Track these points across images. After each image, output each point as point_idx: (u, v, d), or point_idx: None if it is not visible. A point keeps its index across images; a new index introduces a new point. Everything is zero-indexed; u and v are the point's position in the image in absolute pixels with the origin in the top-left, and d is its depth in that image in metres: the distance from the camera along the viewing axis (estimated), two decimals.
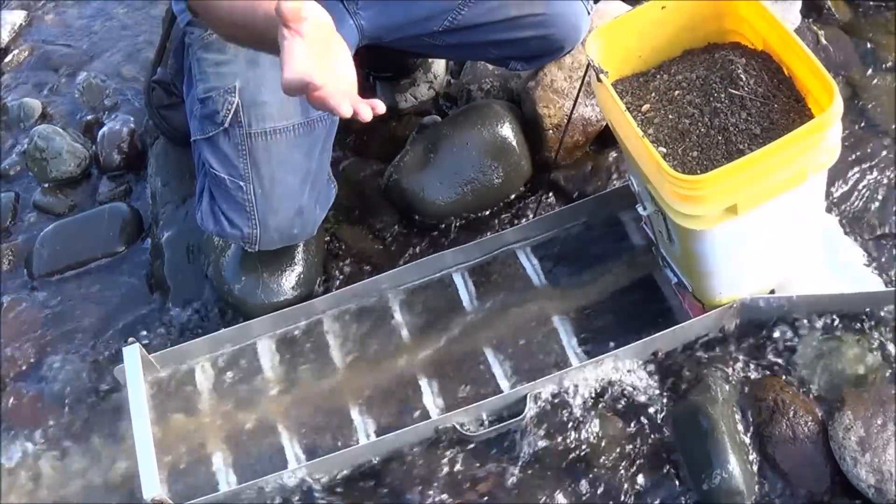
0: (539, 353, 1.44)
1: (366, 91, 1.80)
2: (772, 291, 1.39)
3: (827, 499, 1.26)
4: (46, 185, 1.91)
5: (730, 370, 1.38)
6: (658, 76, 1.28)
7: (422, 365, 1.46)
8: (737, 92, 1.20)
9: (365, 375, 1.46)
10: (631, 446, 1.34)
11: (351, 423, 1.41)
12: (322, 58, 1.02)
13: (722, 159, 1.16)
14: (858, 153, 1.62)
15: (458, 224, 1.64)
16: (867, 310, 1.39)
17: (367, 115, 1.04)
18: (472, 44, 1.53)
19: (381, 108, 1.05)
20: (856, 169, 1.60)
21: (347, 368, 1.48)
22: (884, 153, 1.62)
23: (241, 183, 1.40)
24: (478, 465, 1.35)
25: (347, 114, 1.02)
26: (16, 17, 2.30)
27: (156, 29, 2.10)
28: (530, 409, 1.36)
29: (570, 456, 1.34)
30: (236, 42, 1.28)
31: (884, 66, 1.76)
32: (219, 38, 1.39)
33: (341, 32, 1.09)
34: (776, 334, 1.40)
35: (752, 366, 1.38)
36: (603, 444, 1.34)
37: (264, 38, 1.10)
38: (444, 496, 1.33)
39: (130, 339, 1.46)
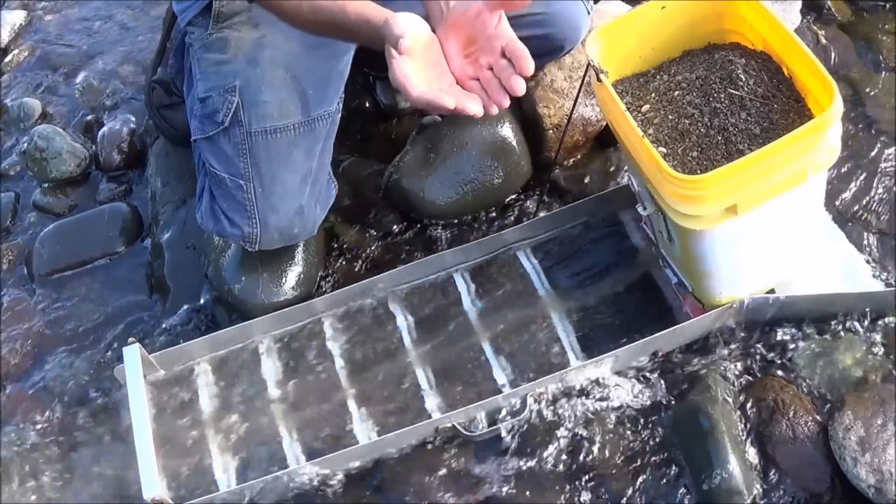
0: (539, 353, 1.44)
1: (365, 91, 1.83)
2: (772, 291, 1.39)
3: (827, 499, 1.26)
4: (46, 185, 1.90)
5: (730, 370, 1.38)
6: (658, 76, 1.28)
7: (422, 364, 1.46)
8: (736, 92, 1.20)
9: (365, 375, 1.46)
10: (631, 446, 1.34)
11: (351, 423, 1.41)
12: (430, 67, 1.15)
13: (722, 159, 1.16)
14: (858, 153, 1.62)
15: (458, 224, 1.64)
16: (867, 310, 1.39)
17: (475, 110, 1.12)
18: None
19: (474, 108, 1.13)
20: (856, 169, 1.60)
21: (347, 368, 1.48)
22: (884, 153, 1.62)
23: (242, 182, 1.40)
24: (478, 465, 1.35)
25: (451, 106, 1.10)
26: (16, 17, 2.29)
27: (156, 29, 2.10)
28: (530, 409, 1.36)
29: (570, 456, 1.34)
30: (313, 34, 1.31)
31: (884, 66, 1.76)
32: (219, 37, 1.40)
33: None
34: (776, 334, 1.40)
35: (752, 366, 1.39)
36: (603, 443, 1.34)
37: (354, 35, 1.21)
38: (444, 496, 1.33)
39: (130, 339, 1.46)
